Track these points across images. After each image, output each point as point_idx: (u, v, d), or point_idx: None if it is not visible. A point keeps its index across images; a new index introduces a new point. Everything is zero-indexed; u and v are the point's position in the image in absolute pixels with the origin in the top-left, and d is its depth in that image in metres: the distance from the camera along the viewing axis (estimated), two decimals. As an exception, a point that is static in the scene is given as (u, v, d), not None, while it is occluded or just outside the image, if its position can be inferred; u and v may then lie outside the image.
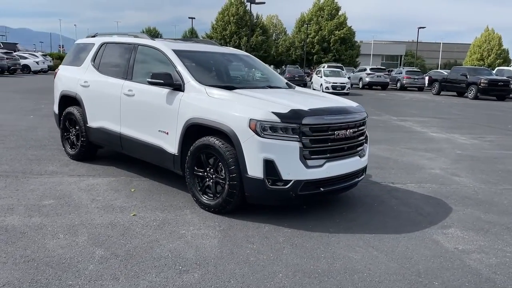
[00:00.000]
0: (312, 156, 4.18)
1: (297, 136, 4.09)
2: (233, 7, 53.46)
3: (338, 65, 37.27)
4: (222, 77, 5.45)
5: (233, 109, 4.26)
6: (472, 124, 13.60)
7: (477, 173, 6.76)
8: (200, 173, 4.57)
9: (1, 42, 43.14)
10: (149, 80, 4.83)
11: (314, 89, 28.32)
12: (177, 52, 5.13)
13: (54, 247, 3.52)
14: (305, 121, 4.10)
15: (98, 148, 6.42)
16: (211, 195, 4.49)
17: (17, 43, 46.04)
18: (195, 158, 4.56)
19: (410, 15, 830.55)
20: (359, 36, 58.66)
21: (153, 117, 5.06)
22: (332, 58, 51.40)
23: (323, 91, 26.00)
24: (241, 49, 52.72)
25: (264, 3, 37.78)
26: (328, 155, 4.31)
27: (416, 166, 7.08)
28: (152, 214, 4.37)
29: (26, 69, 34.59)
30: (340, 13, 54.66)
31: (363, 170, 4.93)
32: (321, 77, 27.23)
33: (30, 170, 5.79)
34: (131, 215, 4.31)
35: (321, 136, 4.24)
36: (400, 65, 67.28)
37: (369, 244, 3.87)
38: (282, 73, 37.30)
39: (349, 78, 35.10)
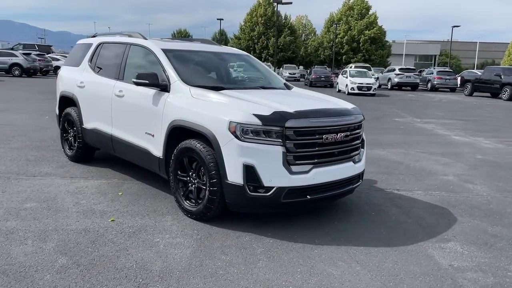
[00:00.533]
0: (297, 162, 3.90)
1: (280, 140, 3.82)
2: (261, 8, 53.37)
3: (366, 65, 36.53)
4: (211, 77, 5.23)
5: (214, 111, 4.04)
6: (500, 127, 12.89)
7: (493, 181, 6.28)
8: (183, 178, 4.37)
9: (37, 45, 44.49)
10: (134, 80, 4.67)
11: (340, 90, 27.85)
12: (166, 51, 4.95)
13: (17, 254, 3.38)
14: (289, 124, 3.83)
15: (96, 150, 6.33)
16: (194, 201, 4.28)
17: (51, 46, 47.42)
18: (178, 162, 4.36)
19: (446, 14, 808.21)
20: (391, 35, 57.32)
21: (140, 119, 4.90)
22: (361, 58, 50.51)
23: (348, 92, 25.54)
24: (268, 50, 52.68)
25: (291, 3, 37.43)
26: (316, 160, 4.01)
27: (428, 172, 6.66)
28: (131, 220, 4.20)
29: (58, 70, 35.43)
30: (370, 12, 53.65)
31: (359, 176, 4.60)
32: (347, 77, 26.63)
33: (25, 171, 5.75)
34: (109, 221, 4.15)
35: (307, 140, 3.95)
36: (434, 65, 65.33)
37: (354, 258, 3.56)
38: (309, 74, 36.84)
39: (377, 78, 34.36)
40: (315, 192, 4.05)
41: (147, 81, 4.60)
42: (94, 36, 6.55)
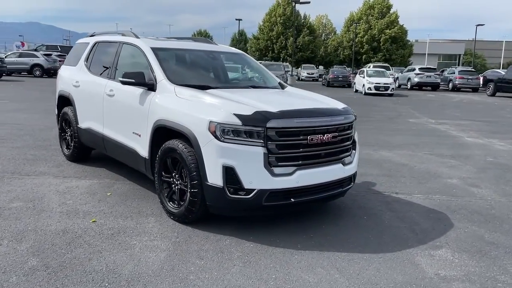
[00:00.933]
0: (280, 163, 3.76)
1: (262, 141, 3.68)
2: (280, 7, 53.15)
3: (385, 65, 35.97)
4: (200, 77, 5.12)
5: (195, 111, 3.93)
6: (519, 128, 12.41)
7: (501, 184, 6.00)
8: (167, 179, 4.28)
9: (60, 46, 45.31)
10: (121, 79, 4.61)
11: (357, 90, 27.46)
12: (156, 50, 4.87)
13: (-10, 255, 3.35)
14: (271, 124, 3.69)
15: (92, 149, 6.31)
16: (176, 203, 4.18)
17: (72, 46, 48.12)
18: (162, 163, 4.27)
19: (471, 13, 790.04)
20: (413, 35, 56.17)
21: (128, 118, 4.84)
22: (382, 58, 49.79)
23: (365, 92, 25.15)
24: (287, 50, 52.40)
25: (309, 2, 37.09)
26: (300, 162, 3.86)
27: (433, 175, 6.41)
28: (113, 221, 4.13)
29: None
30: (391, 11, 52.83)
31: (350, 179, 4.41)
32: (364, 77, 26.21)
33: (20, 170, 5.76)
34: (91, 222, 4.09)
35: (291, 141, 3.80)
36: (458, 65, 63.86)
37: (335, 264, 3.40)
38: (326, 74, 36.49)
39: (396, 78, 33.77)
40: (300, 195, 3.90)
41: (133, 80, 4.53)
42: (92, 35, 6.53)
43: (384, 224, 4.33)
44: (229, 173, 3.66)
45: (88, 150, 6.27)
